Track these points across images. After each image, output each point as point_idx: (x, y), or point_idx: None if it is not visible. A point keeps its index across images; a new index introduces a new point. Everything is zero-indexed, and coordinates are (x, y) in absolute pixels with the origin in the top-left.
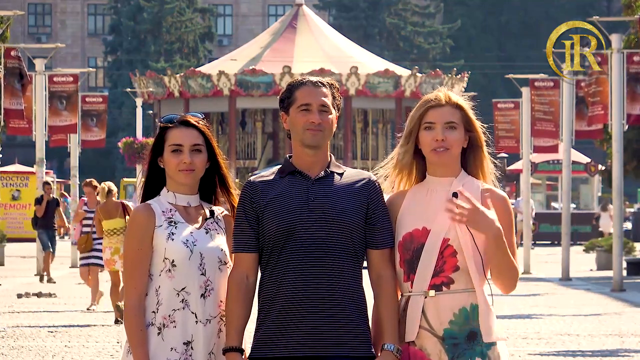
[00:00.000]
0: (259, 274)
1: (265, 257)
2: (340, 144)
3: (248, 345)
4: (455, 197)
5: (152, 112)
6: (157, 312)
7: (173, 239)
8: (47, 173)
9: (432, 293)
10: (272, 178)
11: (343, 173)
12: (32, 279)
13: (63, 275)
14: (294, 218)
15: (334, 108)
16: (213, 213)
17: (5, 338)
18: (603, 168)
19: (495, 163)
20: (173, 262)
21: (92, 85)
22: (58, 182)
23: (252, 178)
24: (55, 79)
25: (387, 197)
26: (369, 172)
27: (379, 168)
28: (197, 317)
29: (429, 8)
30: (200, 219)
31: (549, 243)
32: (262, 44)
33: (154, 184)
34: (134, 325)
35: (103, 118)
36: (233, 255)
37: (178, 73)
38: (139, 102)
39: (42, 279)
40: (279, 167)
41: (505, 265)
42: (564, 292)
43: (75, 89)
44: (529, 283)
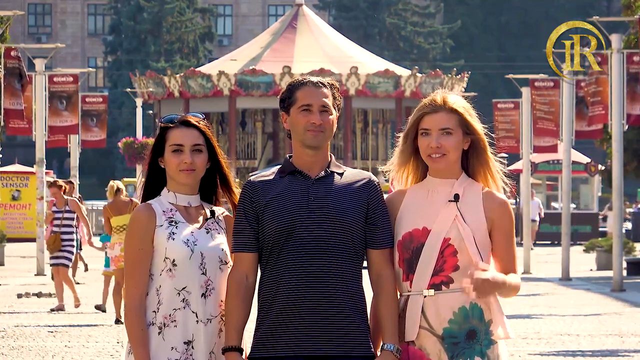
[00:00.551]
0: (259, 274)
1: (265, 256)
2: (340, 144)
3: (248, 345)
4: (456, 199)
5: (152, 112)
6: (157, 311)
7: (174, 239)
8: (47, 173)
9: (431, 292)
10: (272, 178)
11: (343, 173)
12: (32, 279)
13: None
14: (294, 218)
15: (335, 108)
16: (214, 213)
17: (5, 338)
18: (603, 168)
19: (502, 162)
20: (174, 261)
21: (92, 85)
22: None
23: (252, 178)
24: (55, 79)
25: (386, 196)
26: (369, 172)
27: (389, 166)
28: (197, 316)
29: (429, 8)
30: (201, 219)
31: (549, 243)
32: (262, 44)
33: (155, 184)
34: (135, 325)
35: (103, 118)
36: (233, 255)
37: (178, 73)
38: (139, 102)
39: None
40: (279, 167)
41: (507, 293)
42: (564, 292)
43: (75, 89)
44: (529, 283)
